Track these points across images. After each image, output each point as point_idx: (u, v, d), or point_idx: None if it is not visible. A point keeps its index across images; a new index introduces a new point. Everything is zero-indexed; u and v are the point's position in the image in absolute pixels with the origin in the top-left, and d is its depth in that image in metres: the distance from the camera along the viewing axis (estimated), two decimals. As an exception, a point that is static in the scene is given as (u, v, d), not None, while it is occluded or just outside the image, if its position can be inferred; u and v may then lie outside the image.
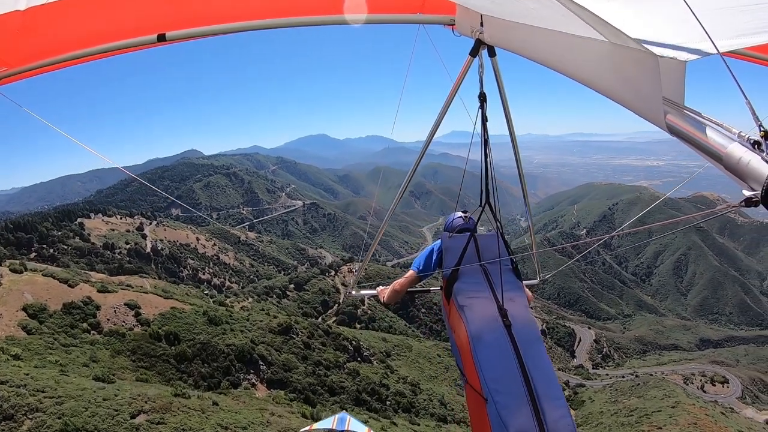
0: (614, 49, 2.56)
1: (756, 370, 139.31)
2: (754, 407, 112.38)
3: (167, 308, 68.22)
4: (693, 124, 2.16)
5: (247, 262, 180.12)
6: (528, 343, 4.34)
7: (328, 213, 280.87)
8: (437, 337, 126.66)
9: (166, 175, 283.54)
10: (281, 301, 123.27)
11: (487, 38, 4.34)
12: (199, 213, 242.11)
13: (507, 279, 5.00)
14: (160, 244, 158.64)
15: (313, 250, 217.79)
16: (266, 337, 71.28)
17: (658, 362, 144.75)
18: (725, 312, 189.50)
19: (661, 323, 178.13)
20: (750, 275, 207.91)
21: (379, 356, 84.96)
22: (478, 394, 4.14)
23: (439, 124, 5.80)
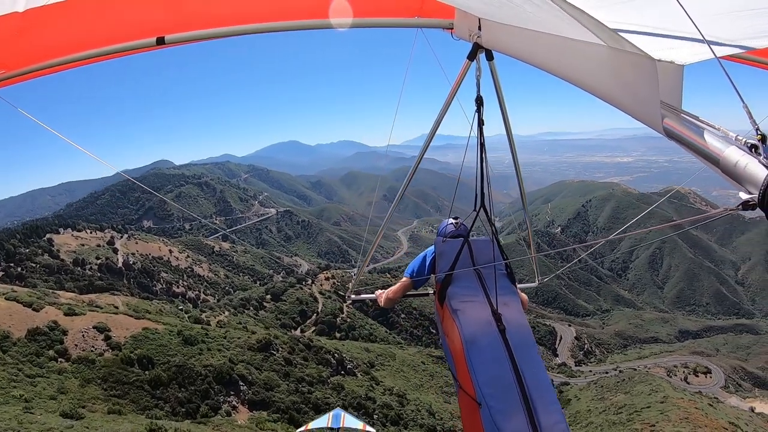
0: (612, 52, 2.61)
1: (736, 359, 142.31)
2: (738, 395, 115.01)
3: (139, 329, 63.77)
4: (690, 128, 2.18)
5: (221, 273, 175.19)
6: (522, 347, 4.35)
7: (302, 220, 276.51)
8: (419, 342, 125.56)
9: (136, 186, 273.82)
10: (258, 313, 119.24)
11: (485, 42, 4.30)
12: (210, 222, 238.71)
13: (501, 283, 4.98)
14: (132, 258, 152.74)
15: (289, 258, 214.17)
16: (245, 355, 67.39)
17: (639, 356, 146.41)
18: (702, 303, 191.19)
19: (640, 317, 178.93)
20: (724, 266, 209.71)
21: (363, 368, 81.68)
22: (471, 399, 4.13)
23: (437, 127, 5.63)
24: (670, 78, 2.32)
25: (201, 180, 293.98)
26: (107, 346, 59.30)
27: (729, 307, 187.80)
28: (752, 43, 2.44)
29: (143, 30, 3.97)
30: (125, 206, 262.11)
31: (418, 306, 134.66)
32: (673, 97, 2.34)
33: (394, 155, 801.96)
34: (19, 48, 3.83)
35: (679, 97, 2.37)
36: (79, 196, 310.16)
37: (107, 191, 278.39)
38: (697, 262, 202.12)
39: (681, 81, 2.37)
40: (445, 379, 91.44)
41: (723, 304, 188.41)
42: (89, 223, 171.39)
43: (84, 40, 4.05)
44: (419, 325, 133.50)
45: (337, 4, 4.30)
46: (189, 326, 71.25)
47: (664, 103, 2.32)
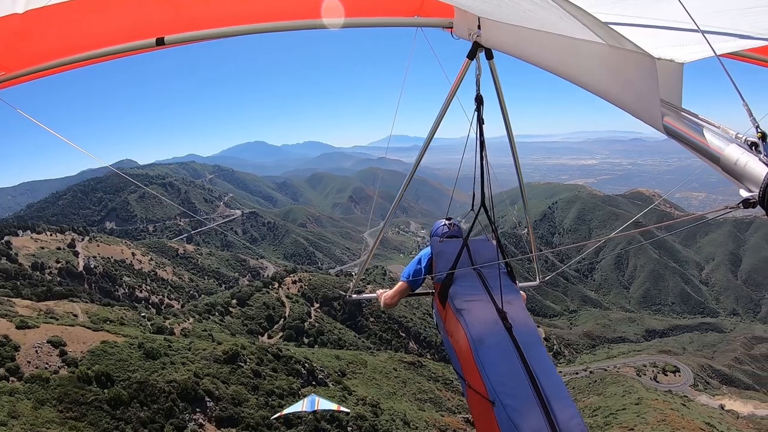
0: (611, 51, 2.62)
1: (703, 357, 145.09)
2: (707, 393, 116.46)
3: (97, 343, 59.04)
4: (690, 126, 2.19)
5: (186, 277, 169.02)
6: (530, 345, 4.41)
7: (268, 221, 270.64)
8: (388, 346, 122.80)
9: (99, 186, 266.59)
10: (224, 318, 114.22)
11: (485, 41, 4.38)
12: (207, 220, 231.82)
13: (503, 282, 5.00)
14: (94, 261, 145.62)
15: (254, 260, 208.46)
16: (211, 368, 63.26)
17: (608, 356, 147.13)
18: (668, 302, 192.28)
19: (607, 317, 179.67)
20: (689, 266, 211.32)
21: (334, 377, 77.94)
22: (482, 398, 4.17)
23: (437, 126, 5.76)
24: (670, 76, 2.33)
25: (165, 180, 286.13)
26: (63, 362, 54.46)
27: (694, 306, 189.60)
28: (752, 42, 2.39)
29: (143, 31, 3.98)
30: (87, 207, 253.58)
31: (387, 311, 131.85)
32: (673, 96, 2.35)
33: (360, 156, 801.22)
34: (19, 49, 3.81)
35: (679, 95, 2.39)
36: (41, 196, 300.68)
37: (69, 191, 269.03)
38: (662, 263, 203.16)
39: (681, 79, 2.39)
40: (417, 385, 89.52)
41: (688, 304, 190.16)
42: (50, 224, 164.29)
43: (84, 42, 4.05)
44: (388, 329, 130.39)
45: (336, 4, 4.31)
46: (151, 338, 66.38)
47: (664, 101, 2.31)
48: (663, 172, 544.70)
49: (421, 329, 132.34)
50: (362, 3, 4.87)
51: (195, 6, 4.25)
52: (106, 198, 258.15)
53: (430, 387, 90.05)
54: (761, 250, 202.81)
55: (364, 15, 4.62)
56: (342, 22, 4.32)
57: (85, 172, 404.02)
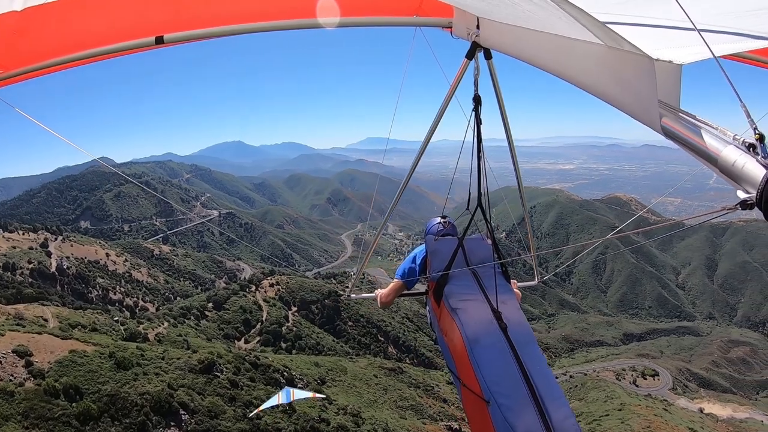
0: (610, 51, 2.63)
1: (680, 360, 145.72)
2: (686, 397, 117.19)
3: (65, 352, 55.54)
4: (688, 127, 2.19)
5: (161, 278, 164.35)
6: (524, 344, 4.44)
7: (245, 222, 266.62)
8: (367, 351, 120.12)
9: (74, 185, 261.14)
10: (200, 323, 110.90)
11: (484, 41, 4.39)
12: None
13: (498, 282, 5.02)
14: (67, 262, 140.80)
15: (231, 262, 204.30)
16: (186, 379, 60.04)
17: (587, 359, 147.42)
18: (645, 306, 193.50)
19: (585, 320, 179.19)
20: (665, 270, 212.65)
21: (314, 385, 74.99)
22: (477, 397, 4.20)
23: (435, 127, 5.73)
24: (669, 77, 2.33)
25: (142, 179, 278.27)
26: (29, 373, 50.80)
27: (671, 310, 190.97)
28: (750, 44, 2.41)
29: (142, 29, 3.96)
30: (62, 205, 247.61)
31: (366, 313, 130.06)
32: (671, 97, 2.35)
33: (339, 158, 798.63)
34: (17, 48, 3.79)
35: (677, 96, 2.38)
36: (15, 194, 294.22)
37: (44, 189, 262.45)
38: (639, 267, 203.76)
39: (679, 80, 2.39)
40: (398, 392, 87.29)
41: (665, 308, 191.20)
42: (23, 222, 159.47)
43: (82, 40, 4.04)
44: (367, 333, 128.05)
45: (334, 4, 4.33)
46: (122, 346, 62.87)
47: (662, 102, 2.32)
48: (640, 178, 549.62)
49: (400, 333, 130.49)
50: (361, 2, 4.84)
51: (195, 4, 4.20)
52: (81, 196, 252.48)
53: (411, 394, 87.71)
54: (737, 256, 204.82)
55: (363, 14, 4.58)
56: (341, 21, 4.30)
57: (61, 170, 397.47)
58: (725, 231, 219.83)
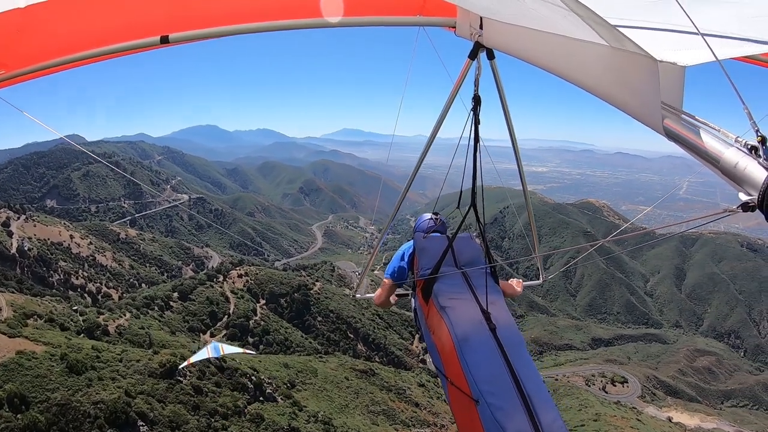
0: (614, 52, 2.63)
1: (647, 367, 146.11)
2: (654, 405, 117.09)
3: (12, 353, 49.40)
4: (690, 129, 2.20)
5: (126, 263, 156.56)
6: (513, 345, 4.39)
7: (216, 208, 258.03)
8: (336, 348, 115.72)
9: (42, 161, 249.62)
10: (164, 314, 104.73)
11: (486, 41, 4.38)
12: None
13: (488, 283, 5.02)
14: (28, 243, 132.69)
15: (199, 249, 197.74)
16: (145, 384, 54.24)
17: (555, 363, 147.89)
18: (613, 311, 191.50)
19: (554, 324, 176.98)
20: (634, 277, 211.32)
21: (283, 390, 70.11)
22: (465, 395, 4.16)
23: (439, 127, 5.63)
24: (672, 79, 2.34)
25: (112, 159, 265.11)
26: (-32, 378, 45.11)
27: (638, 316, 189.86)
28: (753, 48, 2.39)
29: (147, 28, 3.90)
30: (28, 182, 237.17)
31: (336, 309, 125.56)
32: (674, 98, 2.36)
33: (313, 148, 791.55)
34: (20, 47, 3.72)
35: (680, 98, 2.39)
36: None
37: (11, 165, 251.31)
38: (609, 273, 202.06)
39: (682, 82, 2.40)
40: (370, 396, 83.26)
41: (633, 314, 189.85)
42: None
43: (86, 39, 3.96)
44: (336, 329, 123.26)
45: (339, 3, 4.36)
46: (76, 346, 56.62)
47: (665, 103, 2.33)
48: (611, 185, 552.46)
49: (370, 331, 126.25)
50: (364, 1, 4.80)
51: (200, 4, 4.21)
52: (49, 174, 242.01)
53: (383, 397, 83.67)
54: (705, 267, 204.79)
55: (366, 14, 4.52)
56: (345, 21, 4.33)
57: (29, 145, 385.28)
58: (695, 242, 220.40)
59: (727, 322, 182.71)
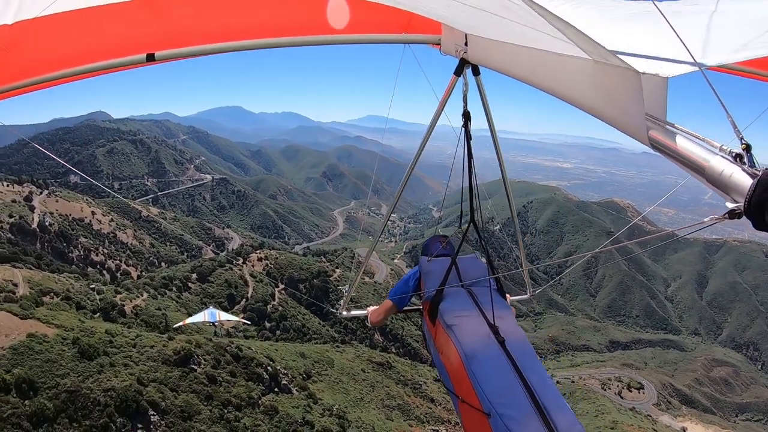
0: (597, 66, 2.65)
1: (664, 374, 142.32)
2: (669, 414, 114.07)
3: (23, 336, 47.56)
4: (675, 139, 2.23)
5: (147, 241, 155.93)
6: (524, 356, 4.29)
7: (238, 190, 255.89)
8: (353, 336, 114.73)
9: (67, 137, 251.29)
10: (182, 295, 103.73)
11: (472, 57, 4.37)
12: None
13: (494, 298, 4.93)
14: (50, 218, 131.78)
15: (220, 229, 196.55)
16: (158, 372, 52.31)
17: (572, 364, 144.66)
18: (632, 314, 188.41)
19: (573, 323, 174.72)
20: (656, 281, 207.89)
21: (298, 381, 67.96)
22: (477, 411, 4.07)
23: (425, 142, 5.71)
24: (655, 90, 2.37)
25: (136, 137, 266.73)
26: (-24, 360, 43.28)
27: (657, 321, 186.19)
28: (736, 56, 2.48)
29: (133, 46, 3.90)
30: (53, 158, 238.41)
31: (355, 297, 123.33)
32: (658, 109, 2.38)
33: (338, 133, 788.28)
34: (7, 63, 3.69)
35: (664, 108, 2.41)
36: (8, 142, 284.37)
37: (36, 139, 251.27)
38: (630, 275, 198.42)
39: (666, 93, 2.42)
40: (386, 390, 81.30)
41: (652, 318, 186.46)
42: (12, 173, 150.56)
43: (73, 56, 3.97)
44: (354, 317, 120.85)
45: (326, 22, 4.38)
46: (89, 330, 54.69)
47: (649, 115, 2.35)
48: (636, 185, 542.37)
49: (388, 321, 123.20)
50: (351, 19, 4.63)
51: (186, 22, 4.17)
52: (73, 150, 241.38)
53: (398, 392, 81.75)
54: (728, 275, 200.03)
55: (353, 32, 4.50)
56: (331, 39, 4.38)
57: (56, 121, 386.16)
58: (719, 248, 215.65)
59: (747, 333, 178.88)
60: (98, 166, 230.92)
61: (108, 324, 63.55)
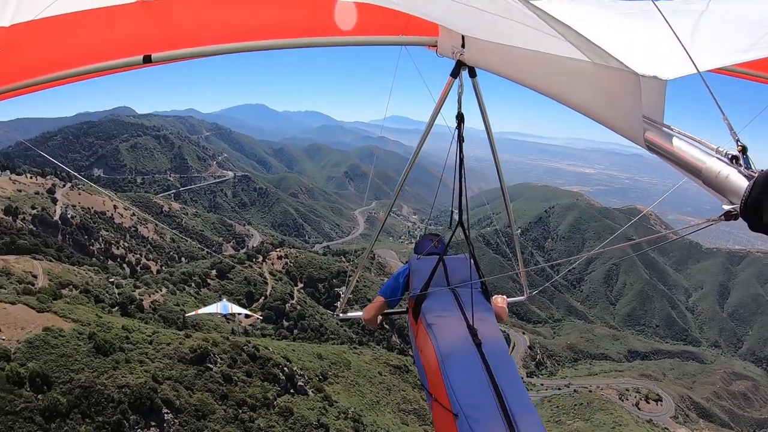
0: (596, 68, 2.65)
1: (682, 386, 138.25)
2: (686, 427, 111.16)
3: (39, 329, 47.00)
4: (671, 141, 2.22)
5: (168, 236, 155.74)
6: (498, 361, 4.29)
7: (260, 187, 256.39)
8: (371, 338, 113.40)
9: (92, 131, 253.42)
10: (200, 291, 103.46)
11: (468, 59, 4.37)
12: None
13: (476, 300, 4.94)
14: (72, 210, 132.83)
15: (241, 226, 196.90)
16: (174, 369, 51.66)
17: (590, 372, 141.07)
18: (652, 324, 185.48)
19: (592, 331, 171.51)
20: (677, 290, 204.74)
21: (314, 383, 67.16)
22: (446, 411, 4.07)
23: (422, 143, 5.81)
24: (653, 92, 2.36)
25: (160, 132, 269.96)
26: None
27: (677, 332, 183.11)
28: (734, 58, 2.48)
29: (130, 48, 3.85)
30: (77, 151, 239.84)
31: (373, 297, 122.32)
32: (656, 112, 2.38)
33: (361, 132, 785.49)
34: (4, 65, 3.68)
35: (661, 111, 2.40)
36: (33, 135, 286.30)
37: (61, 133, 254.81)
38: (651, 284, 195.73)
39: (664, 95, 2.41)
40: (402, 394, 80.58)
41: (672, 329, 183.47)
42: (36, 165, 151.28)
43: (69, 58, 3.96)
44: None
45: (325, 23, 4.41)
46: (106, 325, 54.02)
47: (647, 117, 2.35)
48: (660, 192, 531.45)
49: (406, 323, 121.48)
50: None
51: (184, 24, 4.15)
52: (97, 144, 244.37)
53: (414, 396, 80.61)
54: (750, 287, 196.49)
55: (350, 34, 4.42)
56: (328, 41, 4.36)
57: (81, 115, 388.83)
58: (742, 259, 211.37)
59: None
60: (121, 161, 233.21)
61: (125, 319, 63.10)
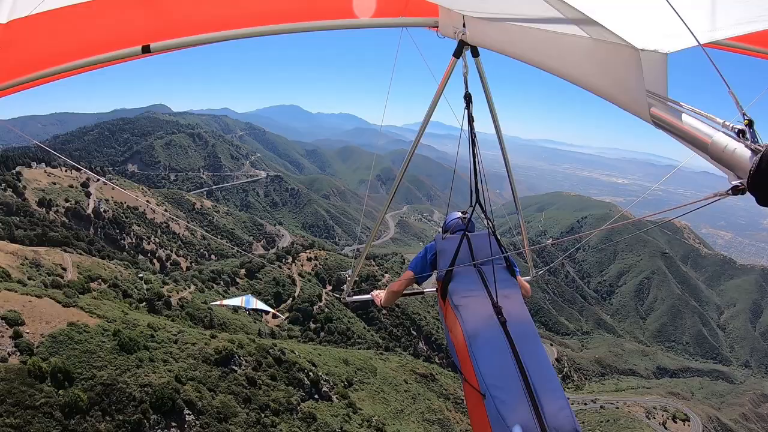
0: (596, 44, 2.64)
1: (710, 406, 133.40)
2: None
3: (63, 324, 46.36)
4: (677, 116, 2.20)
5: (198, 234, 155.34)
6: (524, 338, 4.33)
7: (292, 188, 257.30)
8: (398, 344, 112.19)
9: (127, 127, 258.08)
10: (229, 290, 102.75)
11: (470, 39, 4.34)
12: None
13: (501, 276, 4.97)
14: (105, 205, 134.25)
15: (272, 226, 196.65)
16: (198, 370, 50.68)
17: (617, 388, 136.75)
18: (682, 341, 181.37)
19: (620, 346, 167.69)
20: (709, 307, 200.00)
21: (339, 389, 65.78)
22: (475, 391, 4.14)
23: (426, 124, 5.71)
24: (655, 67, 2.34)
25: (195, 131, 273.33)
26: (15, 347, 41.92)
27: (708, 350, 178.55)
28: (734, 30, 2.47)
29: (128, 39, 3.87)
30: (112, 146, 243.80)
31: (402, 303, 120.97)
32: (659, 86, 2.35)
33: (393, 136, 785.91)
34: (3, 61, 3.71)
35: (665, 85, 2.38)
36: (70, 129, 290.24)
37: (97, 127, 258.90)
38: (683, 300, 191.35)
39: (665, 69, 2.39)
40: (427, 403, 78.68)
41: (702, 346, 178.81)
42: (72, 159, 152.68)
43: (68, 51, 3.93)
44: (400, 324, 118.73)
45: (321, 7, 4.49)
46: (131, 322, 53.38)
47: (650, 92, 2.32)
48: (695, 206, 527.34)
49: (433, 330, 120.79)
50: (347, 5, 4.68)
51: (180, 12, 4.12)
52: (132, 140, 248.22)
53: (440, 406, 79.32)
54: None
55: (350, 16, 4.45)
56: (327, 24, 4.33)
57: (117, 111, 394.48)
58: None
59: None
60: (156, 157, 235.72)
61: (151, 317, 62.42)
